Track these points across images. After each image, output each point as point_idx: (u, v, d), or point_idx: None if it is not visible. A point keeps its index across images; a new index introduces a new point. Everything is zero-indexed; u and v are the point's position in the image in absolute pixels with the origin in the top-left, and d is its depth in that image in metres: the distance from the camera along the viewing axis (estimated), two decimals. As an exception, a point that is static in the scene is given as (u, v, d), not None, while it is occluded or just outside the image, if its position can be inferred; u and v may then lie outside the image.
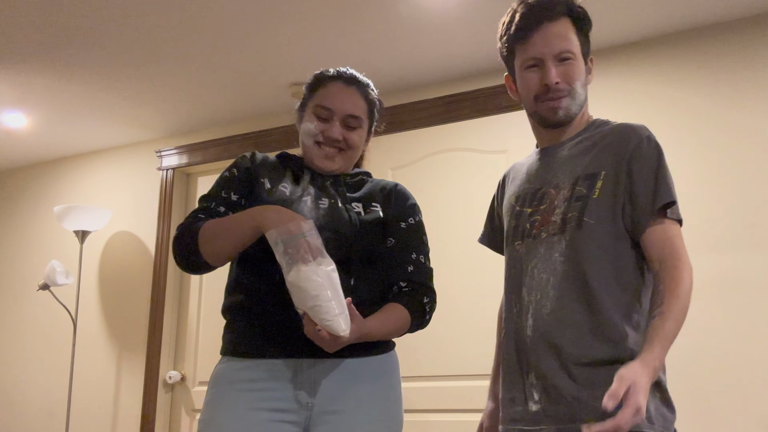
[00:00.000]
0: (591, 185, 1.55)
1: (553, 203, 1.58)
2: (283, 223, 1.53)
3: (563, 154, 1.64)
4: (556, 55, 1.59)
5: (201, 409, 1.69)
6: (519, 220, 1.64)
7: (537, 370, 1.53)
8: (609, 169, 1.56)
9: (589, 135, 1.64)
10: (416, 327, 1.74)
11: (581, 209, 1.54)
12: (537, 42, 1.59)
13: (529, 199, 1.64)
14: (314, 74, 1.84)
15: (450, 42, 3.27)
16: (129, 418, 4.11)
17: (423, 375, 3.37)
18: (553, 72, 1.58)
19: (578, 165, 1.59)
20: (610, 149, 1.58)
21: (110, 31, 3.18)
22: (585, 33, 1.65)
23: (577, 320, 1.51)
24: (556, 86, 1.59)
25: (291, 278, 1.51)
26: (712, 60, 3.07)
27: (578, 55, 1.62)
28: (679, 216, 1.57)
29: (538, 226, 1.58)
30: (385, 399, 1.69)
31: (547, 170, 1.64)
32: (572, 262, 1.53)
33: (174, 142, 4.34)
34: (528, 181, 1.68)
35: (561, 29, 1.60)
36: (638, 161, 1.55)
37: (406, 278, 1.74)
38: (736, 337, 2.82)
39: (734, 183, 2.94)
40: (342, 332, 1.50)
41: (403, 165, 3.70)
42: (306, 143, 1.78)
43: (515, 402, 1.57)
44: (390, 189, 1.83)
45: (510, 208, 1.69)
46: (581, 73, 1.63)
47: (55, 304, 4.18)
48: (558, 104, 1.60)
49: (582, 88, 1.63)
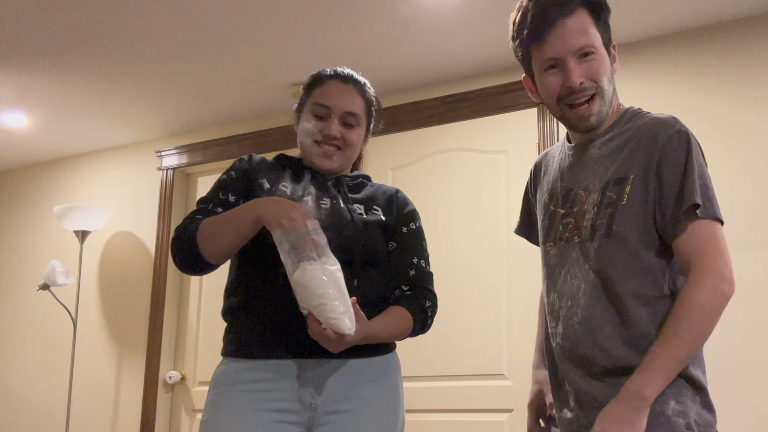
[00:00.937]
0: (620, 191, 1.46)
1: (584, 207, 1.51)
2: (284, 213, 1.52)
3: (594, 153, 1.54)
4: (576, 52, 1.47)
5: (201, 409, 1.69)
6: (552, 220, 1.59)
7: (569, 378, 1.51)
8: (638, 171, 1.46)
9: (620, 131, 1.53)
10: (418, 331, 1.75)
11: (610, 216, 1.46)
12: (554, 41, 1.47)
13: (561, 200, 1.57)
14: (311, 75, 1.85)
15: (450, 42, 3.27)
16: (129, 418, 4.11)
17: (423, 375, 3.37)
18: (575, 73, 1.47)
19: (609, 167, 1.49)
20: (640, 149, 1.47)
21: (110, 31, 3.18)
22: (604, 21, 1.52)
23: (607, 332, 1.44)
24: (581, 86, 1.48)
25: (296, 277, 1.50)
26: (712, 60, 3.07)
27: (600, 48, 1.50)
28: (713, 214, 1.43)
29: (571, 228, 1.52)
30: (388, 399, 1.69)
31: (578, 169, 1.56)
32: (602, 270, 1.46)
33: (174, 142, 4.35)
34: (561, 179, 1.60)
35: (578, 23, 1.47)
36: (666, 161, 1.45)
37: (408, 282, 1.75)
38: (737, 337, 2.81)
39: (734, 183, 2.94)
40: (347, 330, 1.50)
41: (403, 165, 3.70)
42: (304, 143, 1.78)
43: (558, 407, 1.56)
44: (391, 194, 1.84)
45: (544, 206, 1.64)
46: (606, 68, 1.51)
47: (55, 304, 4.18)
48: (588, 111, 1.50)
49: (609, 83, 1.51)
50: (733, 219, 2.92)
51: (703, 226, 1.42)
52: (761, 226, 2.86)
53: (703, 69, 3.08)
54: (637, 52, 3.22)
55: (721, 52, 3.06)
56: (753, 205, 2.89)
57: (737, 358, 2.80)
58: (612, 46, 1.55)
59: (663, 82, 3.15)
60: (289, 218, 1.51)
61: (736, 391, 2.77)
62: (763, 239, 2.85)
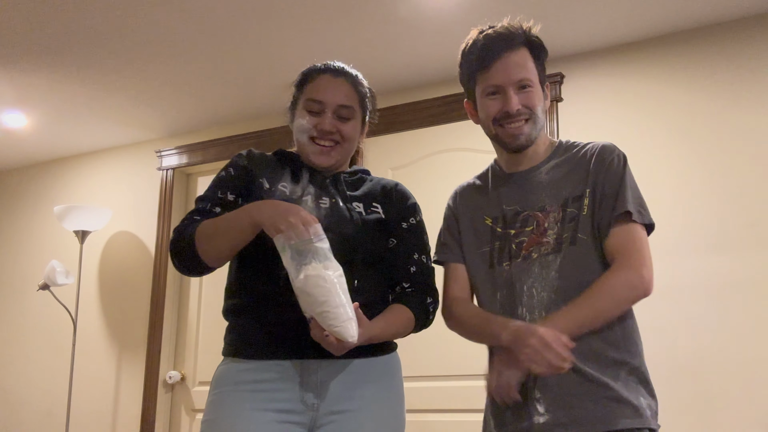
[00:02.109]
0: (580, 205, 1.63)
1: (543, 225, 1.64)
2: (282, 218, 1.51)
3: (542, 179, 1.70)
4: (515, 83, 1.66)
5: (201, 409, 1.69)
6: (503, 241, 1.68)
7: (542, 383, 1.56)
8: (591, 187, 1.64)
9: (563, 159, 1.71)
10: (420, 327, 1.75)
11: (574, 228, 1.62)
12: (498, 71, 1.66)
13: (509, 221, 1.69)
14: (301, 71, 1.83)
15: (450, 42, 3.26)
16: (129, 418, 4.11)
17: (423, 375, 3.37)
18: (514, 99, 1.65)
19: (563, 188, 1.66)
20: (590, 169, 1.66)
21: (110, 31, 3.18)
22: (542, 61, 1.72)
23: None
24: (517, 111, 1.66)
25: (299, 284, 1.50)
26: (712, 60, 3.07)
27: (536, 82, 1.69)
28: (645, 220, 1.62)
29: (526, 246, 1.64)
30: (389, 400, 1.69)
31: (526, 194, 1.70)
32: (570, 277, 1.59)
33: (174, 142, 4.35)
34: (502, 203, 1.72)
35: (520, 59, 1.67)
36: (607, 177, 1.63)
37: (408, 279, 1.75)
38: (737, 337, 2.82)
39: (734, 183, 2.94)
40: (350, 338, 1.50)
41: (403, 165, 3.70)
42: (300, 140, 1.77)
43: (520, 417, 1.59)
44: (390, 188, 1.82)
45: (487, 230, 1.72)
46: (540, 99, 1.70)
47: (55, 304, 4.18)
48: (519, 130, 1.67)
49: (542, 113, 1.70)
50: (733, 219, 2.92)
51: (632, 230, 1.59)
52: (761, 225, 2.86)
53: (703, 69, 3.08)
54: (637, 52, 3.22)
55: (720, 52, 3.06)
56: (752, 204, 2.89)
57: (737, 358, 2.80)
58: (545, 85, 1.74)
59: (663, 82, 3.15)
60: (288, 223, 1.50)
61: (736, 391, 2.77)
62: (763, 239, 2.85)
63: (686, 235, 2.98)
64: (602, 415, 1.52)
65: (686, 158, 3.02)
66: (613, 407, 1.52)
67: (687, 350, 2.88)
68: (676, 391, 2.85)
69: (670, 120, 3.10)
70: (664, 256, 2.98)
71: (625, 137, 3.16)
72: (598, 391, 1.53)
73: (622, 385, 1.55)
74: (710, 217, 2.94)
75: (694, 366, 2.84)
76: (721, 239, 2.91)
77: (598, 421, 1.51)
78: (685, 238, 2.98)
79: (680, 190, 3.02)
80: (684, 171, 3.03)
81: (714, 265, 2.90)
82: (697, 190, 2.98)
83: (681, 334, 2.89)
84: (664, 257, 2.98)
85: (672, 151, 3.06)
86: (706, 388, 2.82)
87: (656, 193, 3.05)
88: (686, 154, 3.02)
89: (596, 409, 1.52)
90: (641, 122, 3.15)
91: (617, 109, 3.22)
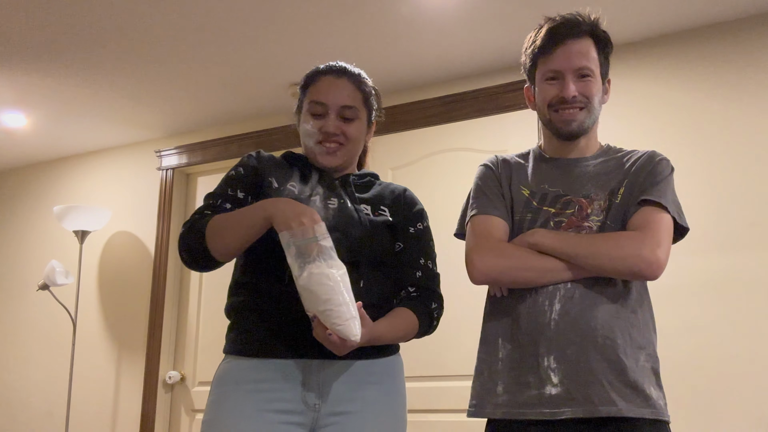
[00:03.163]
0: (617, 194, 1.66)
1: (586, 210, 1.65)
2: (295, 217, 1.50)
3: (590, 170, 1.71)
4: (576, 70, 1.67)
5: (201, 409, 1.68)
6: (538, 216, 1.68)
7: (560, 353, 1.56)
8: (631, 178, 1.68)
9: (611, 157, 1.74)
10: (423, 333, 1.75)
11: (606, 214, 1.65)
12: (559, 56, 1.67)
13: (550, 201, 1.69)
14: (305, 74, 1.83)
15: (450, 42, 3.27)
16: (129, 418, 4.11)
17: (423, 375, 3.37)
18: (571, 86, 1.66)
19: (611, 180, 1.68)
20: (636, 165, 1.69)
21: (110, 31, 3.18)
22: (606, 55, 1.73)
23: (606, 306, 1.58)
24: (573, 98, 1.66)
25: (302, 282, 1.50)
26: (713, 60, 3.07)
27: (597, 73, 1.70)
28: (682, 220, 1.65)
29: (565, 227, 1.64)
30: (391, 401, 1.69)
31: (572, 180, 1.70)
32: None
33: (174, 142, 4.35)
34: (544, 182, 1.72)
35: (583, 47, 1.68)
36: (653, 171, 1.67)
37: (414, 283, 1.74)
38: (737, 337, 2.82)
39: (735, 182, 2.94)
40: (353, 337, 1.50)
41: (403, 165, 3.70)
42: (307, 144, 1.77)
43: (528, 386, 1.58)
44: (399, 193, 1.83)
45: (524, 201, 1.71)
46: (598, 90, 1.70)
47: (54, 304, 4.18)
48: (573, 116, 1.68)
49: (598, 104, 1.71)
50: (733, 218, 2.92)
51: (661, 215, 1.61)
52: (761, 225, 2.86)
53: (703, 69, 3.08)
54: (637, 52, 3.22)
55: (721, 52, 3.06)
56: (753, 204, 2.89)
57: (737, 358, 2.79)
58: (607, 81, 1.76)
59: (663, 82, 3.15)
60: (299, 222, 1.49)
61: (736, 391, 2.77)
62: (763, 239, 2.85)
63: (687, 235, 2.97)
64: (615, 400, 1.51)
65: (687, 158, 3.02)
66: (626, 394, 1.52)
67: (687, 350, 2.88)
68: (675, 391, 2.84)
69: (671, 120, 3.10)
70: (664, 256, 2.99)
71: (626, 137, 3.15)
72: (615, 372, 1.53)
73: (640, 371, 1.55)
74: (711, 217, 2.94)
75: (694, 366, 2.84)
76: (723, 239, 2.91)
77: (611, 404, 1.51)
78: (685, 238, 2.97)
79: (681, 190, 3.00)
80: (685, 170, 3.02)
81: (715, 264, 2.90)
82: (698, 189, 2.98)
83: (681, 334, 2.89)
84: (664, 257, 2.99)
85: (672, 151, 3.03)
86: (706, 387, 2.82)
87: (656, 193, 3.05)
88: (686, 154, 3.02)
89: (611, 391, 1.52)
90: (642, 122, 3.15)
91: (617, 109, 3.22)
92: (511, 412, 1.59)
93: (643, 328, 1.61)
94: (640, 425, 1.52)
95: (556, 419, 1.53)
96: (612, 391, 1.52)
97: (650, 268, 1.56)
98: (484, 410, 1.64)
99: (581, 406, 1.52)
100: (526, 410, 1.57)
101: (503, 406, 1.61)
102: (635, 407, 1.52)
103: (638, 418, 1.52)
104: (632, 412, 1.52)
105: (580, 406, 1.52)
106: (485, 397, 1.65)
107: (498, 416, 1.62)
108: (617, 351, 1.54)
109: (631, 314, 1.60)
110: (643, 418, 1.52)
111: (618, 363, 1.54)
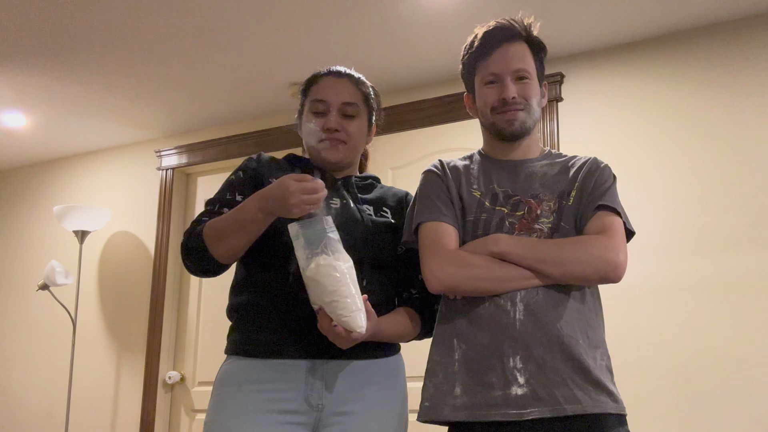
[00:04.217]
0: (568, 197, 1.69)
1: (535, 212, 1.67)
2: (288, 196, 1.50)
3: (536, 170, 1.74)
4: (513, 72, 1.71)
5: (201, 409, 1.68)
6: (492, 215, 1.68)
7: (527, 353, 1.55)
8: (580, 183, 1.70)
9: (555, 161, 1.77)
10: (424, 334, 1.75)
11: (560, 216, 1.67)
12: (497, 60, 1.72)
13: (501, 201, 1.69)
14: (306, 79, 1.85)
15: (450, 42, 3.27)
16: (129, 419, 4.11)
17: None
18: (511, 88, 1.70)
19: (559, 182, 1.71)
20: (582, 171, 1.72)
21: (110, 31, 3.18)
22: (540, 59, 1.77)
23: (569, 306, 1.60)
24: (513, 100, 1.70)
25: (309, 273, 1.51)
26: (712, 60, 3.07)
27: (534, 76, 1.74)
28: (629, 224, 1.67)
29: (518, 228, 1.65)
30: (393, 401, 1.69)
31: (519, 180, 1.72)
32: None
33: (174, 142, 4.35)
34: (492, 183, 1.72)
35: (518, 50, 1.73)
36: (598, 181, 1.70)
37: (417, 285, 1.74)
38: (736, 337, 2.82)
39: (734, 182, 2.94)
40: (359, 329, 1.50)
41: (403, 165, 3.70)
42: (310, 143, 1.78)
43: (492, 387, 1.56)
44: (401, 197, 1.84)
45: (476, 201, 1.70)
46: (536, 93, 1.74)
47: (54, 304, 4.18)
48: (514, 116, 1.71)
49: (537, 105, 1.75)
50: (733, 219, 2.92)
51: (615, 220, 1.64)
52: (761, 225, 2.86)
53: (703, 69, 3.08)
54: (637, 52, 3.22)
55: (720, 52, 3.06)
56: (753, 204, 2.89)
57: (737, 358, 2.79)
58: (544, 84, 1.79)
59: (663, 82, 3.15)
60: (295, 196, 1.50)
61: (736, 391, 2.77)
62: (763, 239, 2.85)
63: (685, 234, 2.98)
64: (580, 398, 1.53)
65: (686, 158, 3.02)
66: (590, 391, 1.54)
67: (686, 350, 2.88)
68: (675, 391, 2.85)
69: (671, 120, 3.10)
70: (662, 256, 2.99)
71: (625, 137, 3.16)
72: (579, 371, 1.55)
73: (599, 369, 1.57)
74: (710, 217, 2.94)
75: (694, 366, 2.84)
76: (721, 239, 2.91)
77: (577, 402, 1.52)
78: (684, 237, 2.98)
79: (680, 190, 3.02)
80: (684, 170, 3.03)
81: (714, 264, 2.90)
82: (697, 189, 2.98)
83: (680, 334, 2.89)
84: (662, 256, 2.99)
85: (672, 151, 3.06)
86: (705, 387, 2.82)
87: (656, 192, 3.05)
88: (686, 154, 3.02)
89: (575, 390, 1.53)
90: (641, 122, 3.15)
91: (617, 108, 3.22)
92: (474, 413, 1.56)
93: (598, 328, 1.64)
94: (603, 420, 1.54)
95: (523, 420, 1.52)
96: (576, 389, 1.53)
97: (616, 271, 1.58)
98: (441, 412, 1.60)
99: (548, 406, 1.52)
100: (489, 411, 1.55)
101: (464, 408, 1.57)
102: (600, 403, 1.54)
103: (602, 414, 1.54)
104: (598, 408, 1.53)
105: (546, 405, 1.52)
106: (441, 398, 1.61)
107: (459, 419, 1.58)
108: (579, 350, 1.56)
109: (589, 314, 1.63)
110: (608, 413, 1.54)
111: (581, 362, 1.55)
